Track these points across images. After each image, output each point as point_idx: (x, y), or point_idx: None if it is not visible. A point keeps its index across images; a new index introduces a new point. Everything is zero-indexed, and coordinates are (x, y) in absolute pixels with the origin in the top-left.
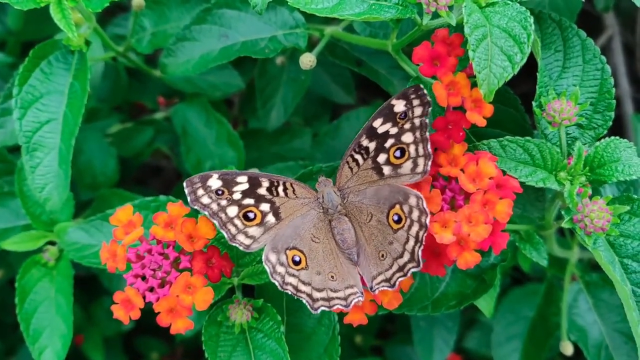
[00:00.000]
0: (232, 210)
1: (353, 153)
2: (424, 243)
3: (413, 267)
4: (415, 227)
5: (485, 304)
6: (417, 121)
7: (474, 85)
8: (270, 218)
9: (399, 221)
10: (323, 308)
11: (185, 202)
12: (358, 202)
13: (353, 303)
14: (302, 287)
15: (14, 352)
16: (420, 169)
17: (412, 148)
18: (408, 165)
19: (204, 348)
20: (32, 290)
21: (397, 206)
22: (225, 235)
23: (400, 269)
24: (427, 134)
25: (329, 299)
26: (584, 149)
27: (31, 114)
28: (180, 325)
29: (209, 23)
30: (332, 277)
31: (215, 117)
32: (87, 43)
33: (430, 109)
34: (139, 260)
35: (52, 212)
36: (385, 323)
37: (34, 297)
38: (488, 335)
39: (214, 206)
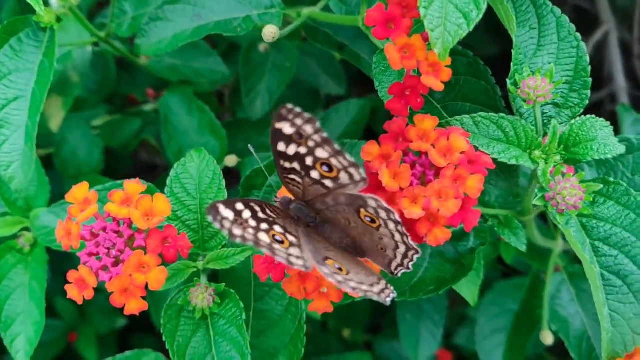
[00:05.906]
0: (264, 237)
1: (285, 176)
2: (408, 233)
3: (414, 254)
4: (391, 224)
5: (468, 292)
6: (317, 138)
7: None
8: (290, 237)
9: (373, 221)
10: (391, 297)
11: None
12: (328, 211)
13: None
14: (364, 287)
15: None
16: (357, 177)
17: (334, 161)
18: (344, 176)
19: (161, 331)
20: (6, 276)
21: (363, 210)
22: (286, 263)
23: (405, 255)
24: (336, 145)
25: (381, 291)
26: (560, 128)
27: None
28: (134, 306)
29: (182, 3)
30: (365, 274)
31: (197, 105)
32: (59, 20)
33: (318, 124)
34: (94, 238)
35: (27, 198)
36: (376, 318)
37: (8, 284)
38: None
39: (249, 236)
